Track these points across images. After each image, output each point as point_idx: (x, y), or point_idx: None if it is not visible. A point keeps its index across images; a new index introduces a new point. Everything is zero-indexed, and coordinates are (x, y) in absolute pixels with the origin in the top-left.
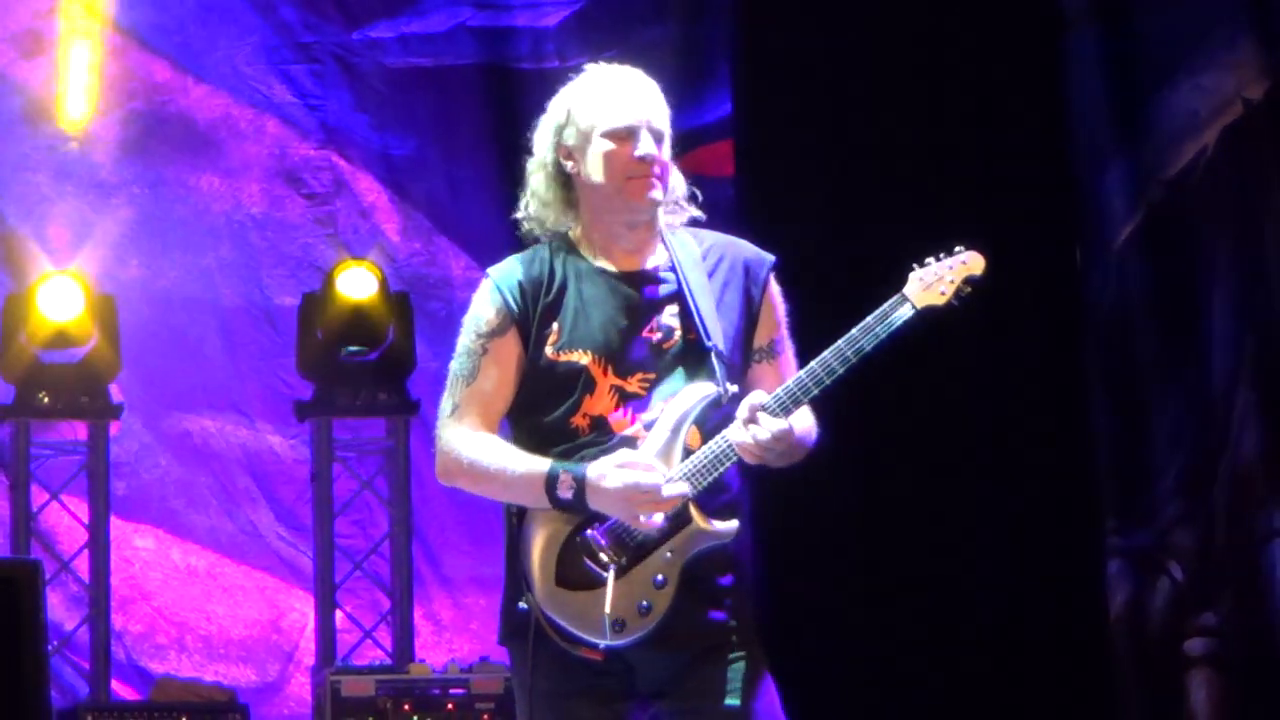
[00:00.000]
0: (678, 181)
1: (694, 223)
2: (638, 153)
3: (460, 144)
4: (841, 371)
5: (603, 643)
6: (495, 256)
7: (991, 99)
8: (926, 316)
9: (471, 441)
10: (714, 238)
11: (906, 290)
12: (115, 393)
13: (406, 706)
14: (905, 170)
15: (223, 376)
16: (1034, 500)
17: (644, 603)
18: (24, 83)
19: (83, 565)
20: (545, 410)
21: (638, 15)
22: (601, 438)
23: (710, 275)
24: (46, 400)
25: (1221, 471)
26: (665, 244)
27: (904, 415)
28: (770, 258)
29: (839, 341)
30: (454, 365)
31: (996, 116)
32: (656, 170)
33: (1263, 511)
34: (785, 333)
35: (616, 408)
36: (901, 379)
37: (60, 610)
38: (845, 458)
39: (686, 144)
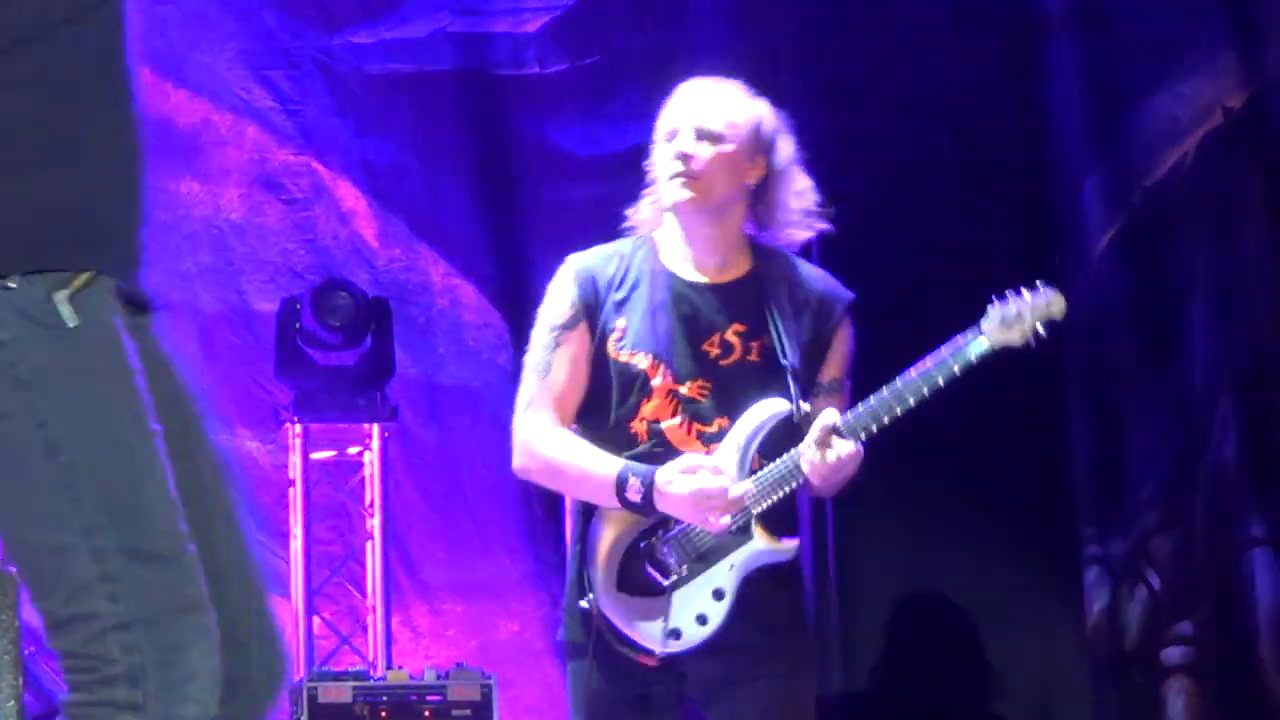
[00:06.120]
0: (786, 194)
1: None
2: (672, 146)
3: (440, 150)
4: (912, 402)
5: (659, 650)
6: (475, 262)
7: (972, 105)
8: (999, 352)
9: (546, 437)
10: (800, 263)
11: (984, 324)
12: None
13: (384, 713)
14: (884, 176)
15: (201, 382)
16: (1011, 508)
17: (701, 613)
18: None
19: None
20: (604, 411)
21: (619, 21)
22: (659, 449)
23: (790, 299)
24: None
25: (1200, 480)
26: (755, 259)
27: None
28: (848, 294)
29: (910, 370)
30: (528, 358)
31: (977, 122)
32: (693, 168)
33: (1241, 520)
34: (847, 372)
35: (673, 414)
36: (874, 387)
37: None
38: None
39: None
